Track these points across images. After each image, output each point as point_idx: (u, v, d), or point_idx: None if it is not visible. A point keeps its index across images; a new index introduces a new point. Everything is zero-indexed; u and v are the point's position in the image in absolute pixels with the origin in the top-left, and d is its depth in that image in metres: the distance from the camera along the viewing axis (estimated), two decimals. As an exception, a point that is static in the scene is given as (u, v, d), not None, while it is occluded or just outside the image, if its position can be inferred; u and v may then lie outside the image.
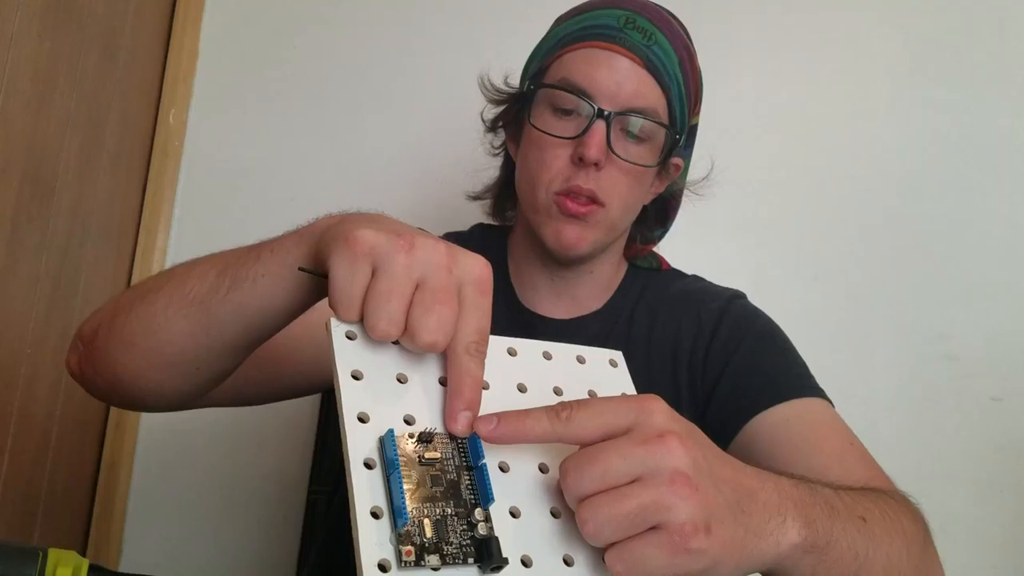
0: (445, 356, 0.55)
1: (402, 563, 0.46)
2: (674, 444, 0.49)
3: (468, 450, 0.52)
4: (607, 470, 0.48)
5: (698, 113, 1.04)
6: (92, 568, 0.65)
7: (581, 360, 0.64)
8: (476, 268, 0.55)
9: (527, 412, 0.51)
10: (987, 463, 1.51)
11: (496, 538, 0.49)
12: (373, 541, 0.46)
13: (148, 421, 1.50)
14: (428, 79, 1.60)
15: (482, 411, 0.54)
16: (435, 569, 0.47)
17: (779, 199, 1.60)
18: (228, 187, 1.60)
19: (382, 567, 0.46)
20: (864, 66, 1.62)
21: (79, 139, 1.27)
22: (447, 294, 0.53)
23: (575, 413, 0.50)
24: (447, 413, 0.53)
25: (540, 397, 0.59)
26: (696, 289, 1.06)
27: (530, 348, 0.61)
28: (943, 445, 1.52)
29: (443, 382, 0.55)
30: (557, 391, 0.60)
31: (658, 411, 0.51)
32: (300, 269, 0.62)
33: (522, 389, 0.59)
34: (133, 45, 1.44)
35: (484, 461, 0.51)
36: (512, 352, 0.60)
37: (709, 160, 1.10)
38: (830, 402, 0.94)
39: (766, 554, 0.53)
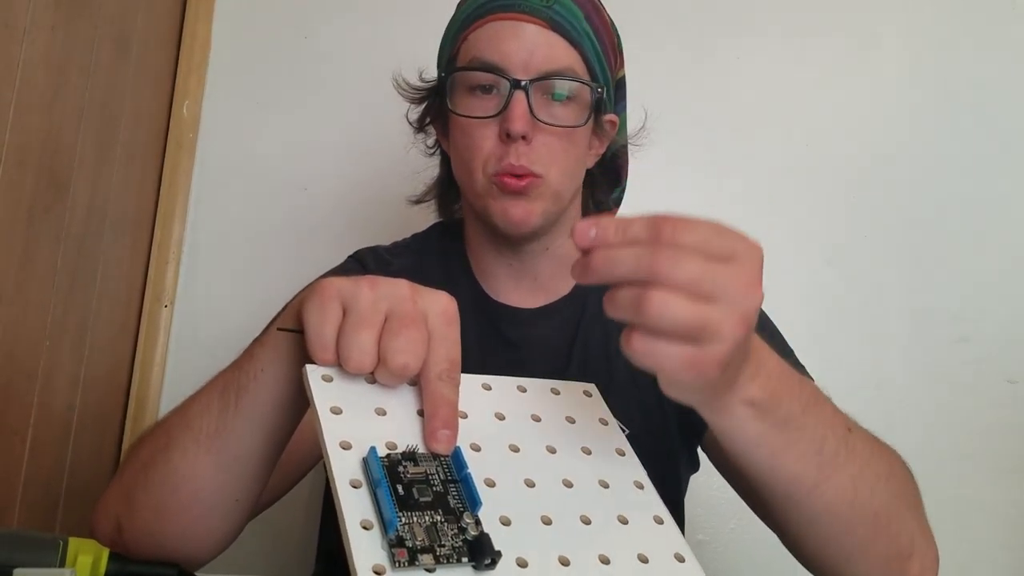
0: (420, 388, 0.57)
1: (396, 564, 0.47)
2: (758, 295, 0.53)
3: (451, 464, 0.54)
4: (701, 278, 0.50)
5: (622, 66, 1.02)
6: (112, 556, 0.66)
7: (556, 392, 0.65)
8: (440, 301, 0.58)
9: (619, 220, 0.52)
10: (1003, 445, 1.50)
11: (487, 535, 0.50)
12: (365, 549, 0.47)
13: (166, 410, 1.51)
14: (425, 70, 1.60)
15: (463, 439, 0.55)
16: (430, 571, 0.48)
17: (790, 184, 1.59)
18: (243, 177, 1.61)
19: (377, 572, 0.46)
20: (878, 48, 1.61)
21: (93, 131, 1.27)
22: (413, 321, 0.55)
23: (679, 235, 0.50)
24: (427, 434, 0.55)
25: (519, 424, 0.60)
26: None
27: (505, 383, 0.63)
28: (959, 428, 1.51)
29: (421, 413, 0.56)
30: (535, 418, 0.62)
31: (759, 258, 0.54)
32: (279, 329, 0.63)
33: (500, 417, 0.60)
34: (145, 36, 1.44)
35: (468, 471, 0.53)
36: (487, 387, 0.62)
37: (642, 111, 1.08)
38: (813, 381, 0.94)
39: (721, 400, 0.57)
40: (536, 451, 0.59)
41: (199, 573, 0.70)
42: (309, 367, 0.56)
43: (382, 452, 0.52)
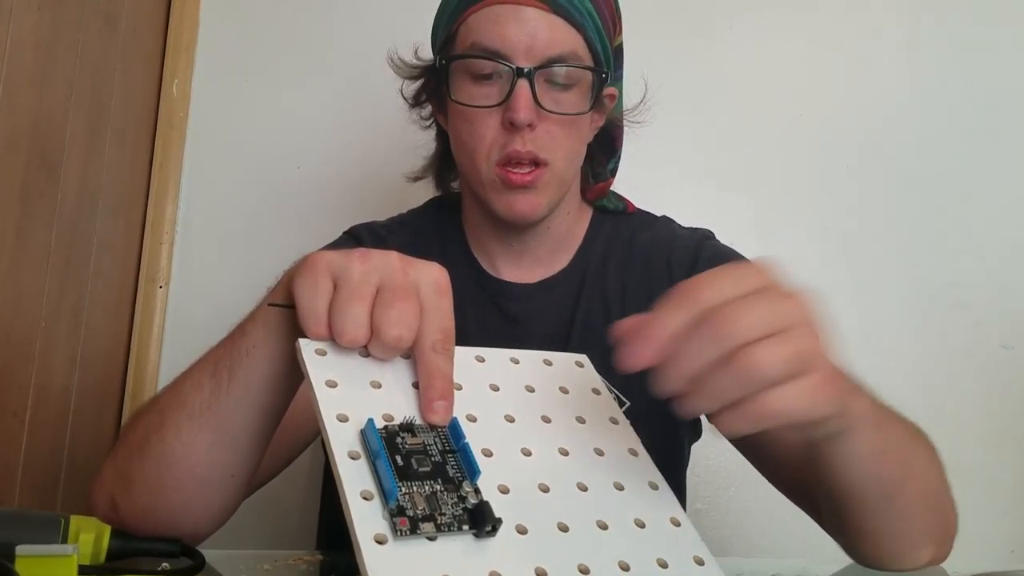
0: (415, 361, 0.57)
1: (398, 533, 0.47)
2: (804, 300, 0.51)
3: (449, 435, 0.54)
4: (772, 313, 0.49)
5: (620, 33, 0.99)
6: (114, 533, 0.66)
7: (548, 363, 0.65)
8: (432, 272, 0.57)
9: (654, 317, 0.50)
10: (998, 411, 1.51)
11: (487, 502, 0.50)
12: (367, 519, 0.47)
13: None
14: (420, 46, 1.59)
15: (458, 410, 0.56)
16: (431, 539, 0.48)
17: (787, 151, 1.59)
18: (235, 156, 1.60)
19: (378, 541, 0.47)
20: (872, 19, 1.61)
21: (84, 112, 1.27)
22: (405, 292, 0.55)
23: (714, 292, 0.50)
24: (423, 406, 0.55)
25: (513, 395, 0.61)
26: (665, 236, 1.04)
27: (498, 355, 0.63)
28: (954, 394, 1.52)
29: (416, 385, 0.56)
30: (529, 389, 0.62)
31: (773, 275, 0.52)
32: (270, 304, 0.62)
33: (495, 388, 0.60)
34: (133, 15, 1.43)
35: (466, 440, 0.53)
36: (480, 359, 0.62)
37: (642, 83, 1.05)
38: None
39: (853, 410, 0.57)
40: (531, 421, 0.60)
41: (201, 549, 0.70)
42: (302, 341, 0.55)
43: (379, 424, 0.52)
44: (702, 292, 0.50)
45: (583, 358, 0.67)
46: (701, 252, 1.00)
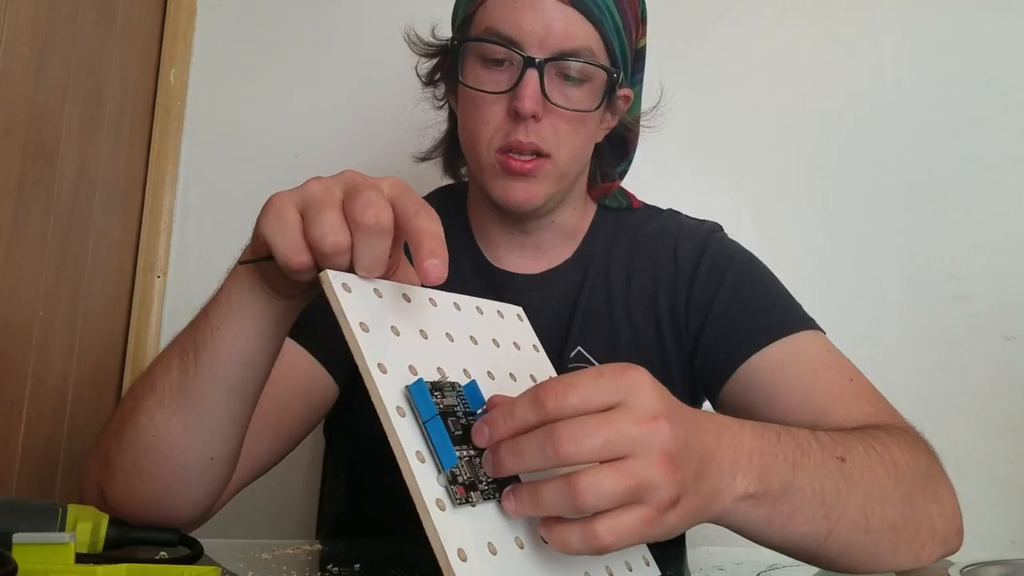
0: (402, 233, 0.55)
1: (455, 501, 0.48)
2: (664, 426, 0.50)
3: (467, 398, 0.54)
4: (608, 442, 0.48)
5: (644, 35, 0.99)
6: (112, 522, 0.66)
7: (500, 315, 0.66)
8: (390, 178, 0.57)
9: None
10: (1000, 402, 1.51)
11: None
12: (427, 482, 0.48)
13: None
14: (438, 25, 1.58)
15: (454, 365, 0.56)
16: (473, 506, 0.49)
17: (786, 141, 1.59)
18: (232, 145, 1.60)
19: (439, 507, 0.47)
20: (870, 4, 1.60)
21: (81, 101, 1.26)
22: (370, 185, 0.55)
23: (562, 402, 0.49)
24: (416, 267, 0.54)
25: (487, 348, 0.61)
26: (671, 227, 1.03)
27: (469, 303, 0.64)
28: (956, 385, 1.52)
29: (424, 335, 0.56)
30: (495, 342, 0.63)
31: (645, 388, 0.51)
32: (241, 263, 0.62)
33: (474, 341, 0.61)
34: (130, 4, 1.43)
35: (485, 407, 0.53)
36: (457, 306, 0.62)
37: (659, 87, 1.04)
38: (822, 331, 0.93)
39: (713, 511, 0.56)
40: (503, 376, 0.61)
41: (200, 538, 0.70)
42: (329, 272, 0.53)
43: (411, 378, 0.52)
44: (561, 398, 0.49)
45: (520, 311, 0.69)
46: (708, 244, 1.00)
